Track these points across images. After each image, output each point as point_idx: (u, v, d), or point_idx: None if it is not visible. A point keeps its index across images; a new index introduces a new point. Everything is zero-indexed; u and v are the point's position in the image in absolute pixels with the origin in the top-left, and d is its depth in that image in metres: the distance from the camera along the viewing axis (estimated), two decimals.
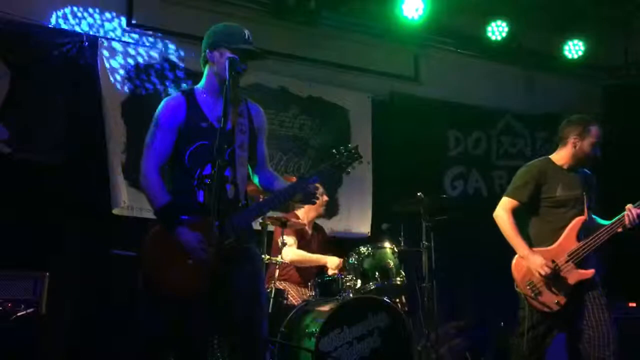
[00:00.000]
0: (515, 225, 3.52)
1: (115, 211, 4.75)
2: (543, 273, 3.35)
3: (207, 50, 2.77)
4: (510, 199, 3.57)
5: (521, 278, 3.46)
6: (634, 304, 5.11)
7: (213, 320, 2.66)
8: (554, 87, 6.70)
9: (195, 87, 2.85)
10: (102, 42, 4.92)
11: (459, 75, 6.40)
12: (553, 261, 3.39)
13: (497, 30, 6.08)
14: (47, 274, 3.96)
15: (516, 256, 3.52)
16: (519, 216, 3.65)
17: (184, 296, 2.56)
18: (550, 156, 3.67)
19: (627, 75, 6.67)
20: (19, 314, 3.79)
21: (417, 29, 5.90)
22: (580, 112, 3.86)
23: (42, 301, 3.90)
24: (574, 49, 6.42)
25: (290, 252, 4.57)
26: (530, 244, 3.50)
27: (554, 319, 3.42)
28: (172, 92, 4.91)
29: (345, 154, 2.81)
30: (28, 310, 3.82)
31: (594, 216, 3.60)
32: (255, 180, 2.95)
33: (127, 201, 4.74)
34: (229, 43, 2.71)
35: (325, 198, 4.91)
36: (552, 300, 3.36)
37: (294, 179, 4.58)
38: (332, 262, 4.60)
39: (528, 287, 3.43)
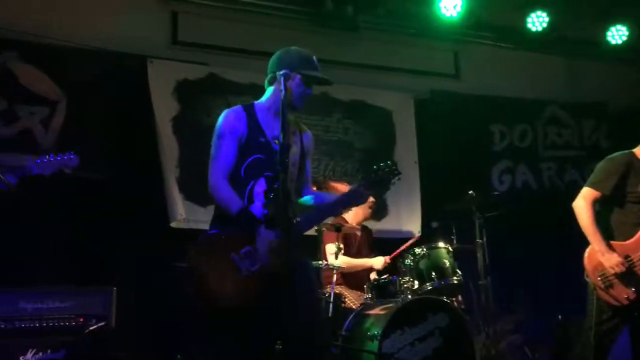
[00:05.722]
0: (594, 218, 3.49)
1: (173, 224, 4.91)
2: (617, 271, 3.34)
3: (277, 72, 2.83)
4: (592, 190, 3.54)
5: (593, 268, 3.45)
6: None
7: (273, 328, 2.72)
8: (599, 75, 6.60)
9: (255, 102, 2.94)
10: (151, 61, 5.07)
11: (500, 69, 6.38)
12: (628, 256, 3.38)
13: (538, 21, 6.03)
14: (115, 288, 4.11)
15: (590, 246, 3.50)
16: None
17: (239, 306, 2.62)
18: (634, 150, 3.61)
19: None
20: (90, 328, 3.96)
21: (455, 25, 5.91)
22: (627, 98, 3.81)
23: (112, 315, 4.06)
24: (617, 34, 6.31)
25: (338, 259, 4.62)
26: (609, 237, 3.48)
27: (621, 313, 3.40)
28: (219, 104, 5.05)
29: (386, 170, 2.80)
30: (99, 324, 3.98)
31: None
32: (306, 199, 3.02)
33: (184, 214, 4.89)
34: (301, 69, 2.82)
35: (372, 199, 4.95)
36: (622, 294, 3.35)
37: (339, 185, 4.65)
38: (377, 263, 4.67)
39: (599, 279, 3.42)
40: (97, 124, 4.88)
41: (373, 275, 4.81)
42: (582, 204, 3.53)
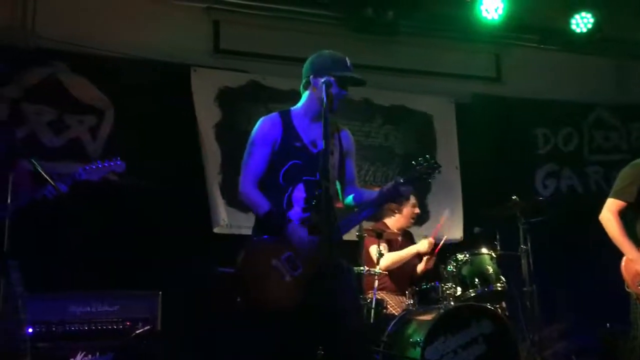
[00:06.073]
0: (622, 227, 3.47)
1: (216, 230, 4.99)
2: None
3: (311, 76, 2.87)
4: (616, 200, 3.53)
5: (632, 278, 3.40)
6: None
7: (316, 333, 2.73)
8: None
9: (292, 108, 2.97)
10: (194, 70, 5.18)
11: (544, 71, 6.27)
12: None
13: (582, 22, 5.91)
14: (160, 292, 4.20)
15: (625, 256, 3.44)
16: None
17: (284, 311, 2.66)
18: None
19: None
20: (137, 331, 4.06)
21: (497, 28, 5.83)
22: None
23: (158, 319, 4.15)
24: None
25: (383, 259, 4.60)
26: (636, 244, 3.44)
27: None
28: (259, 111, 5.10)
29: (425, 164, 2.84)
30: (145, 328, 4.08)
31: None
32: (348, 200, 3.02)
33: (227, 220, 4.96)
34: (334, 70, 2.82)
35: (417, 210, 4.93)
36: None
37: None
38: (422, 246, 4.60)
39: None
40: (143, 131, 4.99)
41: (420, 267, 4.74)
42: (608, 216, 3.51)
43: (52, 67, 4.88)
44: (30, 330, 3.36)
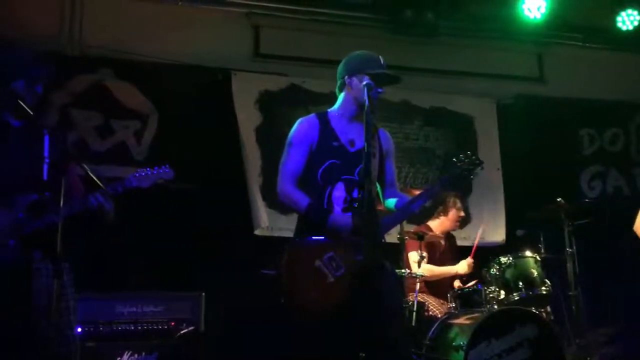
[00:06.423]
0: None
1: (257, 232, 5.04)
2: None
3: (346, 77, 2.88)
4: None
5: None
6: None
7: (357, 336, 2.73)
8: None
9: (329, 110, 2.99)
10: (234, 74, 5.24)
11: (588, 71, 6.14)
12: None
13: (628, 19, 5.76)
14: (203, 294, 4.27)
15: None
16: None
17: (327, 312, 2.65)
18: None
19: None
20: (181, 332, 4.13)
21: (539, 27, 5.74)
22: None
23: (201, 319, 4.21)
24: None
25: (423, 267, 4.57)
26: None
27: None
28: (299, 114, 5.12)
29: (466, 161, 2.81)
30: (189, 328, 4.14)
31: None
32: (388, 203, 3.00)
33: (267, 222, 5.01)
34: (368, 69, 2.82)
35: (462, 214, 4.89)
36: None
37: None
38: (462, 269, 4.59)
39: None
40: (185, 135, 5.07)
41: (457, 283, 4.73)
42: None
43: (98, 73, 5.02)
44: (79, 330, 3.45)
